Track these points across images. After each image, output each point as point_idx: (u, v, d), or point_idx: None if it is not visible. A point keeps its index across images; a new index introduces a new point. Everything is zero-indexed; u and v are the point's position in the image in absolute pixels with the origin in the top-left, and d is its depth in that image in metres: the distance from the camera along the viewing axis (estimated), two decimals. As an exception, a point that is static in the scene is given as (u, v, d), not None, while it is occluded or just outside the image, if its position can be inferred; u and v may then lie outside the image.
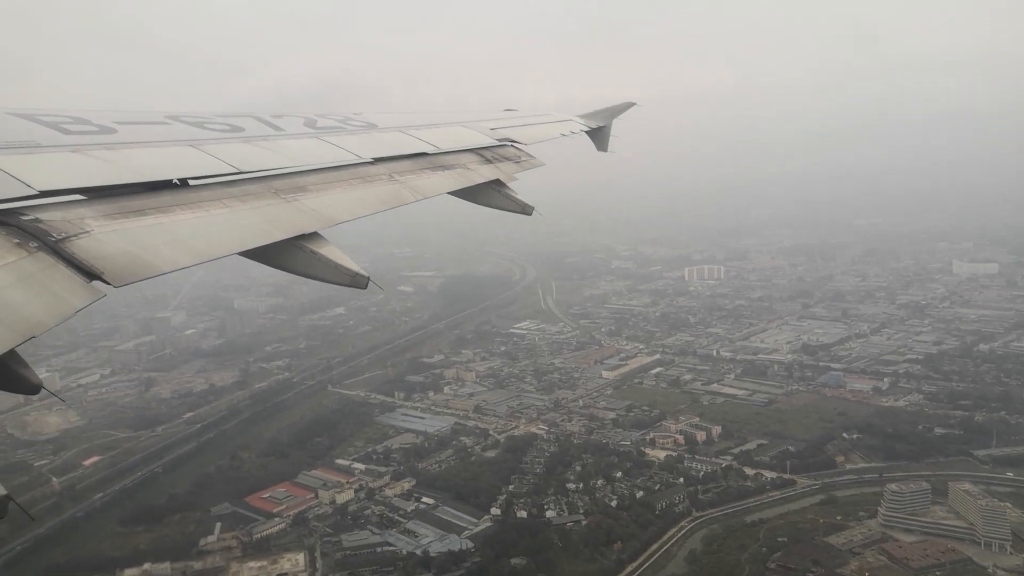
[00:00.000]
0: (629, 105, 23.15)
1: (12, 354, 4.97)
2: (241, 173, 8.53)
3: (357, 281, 7.73)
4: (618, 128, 21.92)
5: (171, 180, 7.79)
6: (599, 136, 21.06)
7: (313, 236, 7.84)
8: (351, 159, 10.50)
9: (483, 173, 12.58)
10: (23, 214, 5.86)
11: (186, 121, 10.11)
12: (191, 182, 7.95)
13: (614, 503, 74.76)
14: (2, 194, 5.98)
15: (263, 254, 7.44)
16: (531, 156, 14.89)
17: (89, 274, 5.48)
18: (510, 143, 14.93)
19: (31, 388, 5.53)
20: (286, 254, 7.60)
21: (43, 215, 5.97)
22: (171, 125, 9.83)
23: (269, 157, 9.38)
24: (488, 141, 14.40)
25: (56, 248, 5.57)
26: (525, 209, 12.59)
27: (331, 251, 7.79)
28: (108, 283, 5.53)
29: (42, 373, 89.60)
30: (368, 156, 10.78)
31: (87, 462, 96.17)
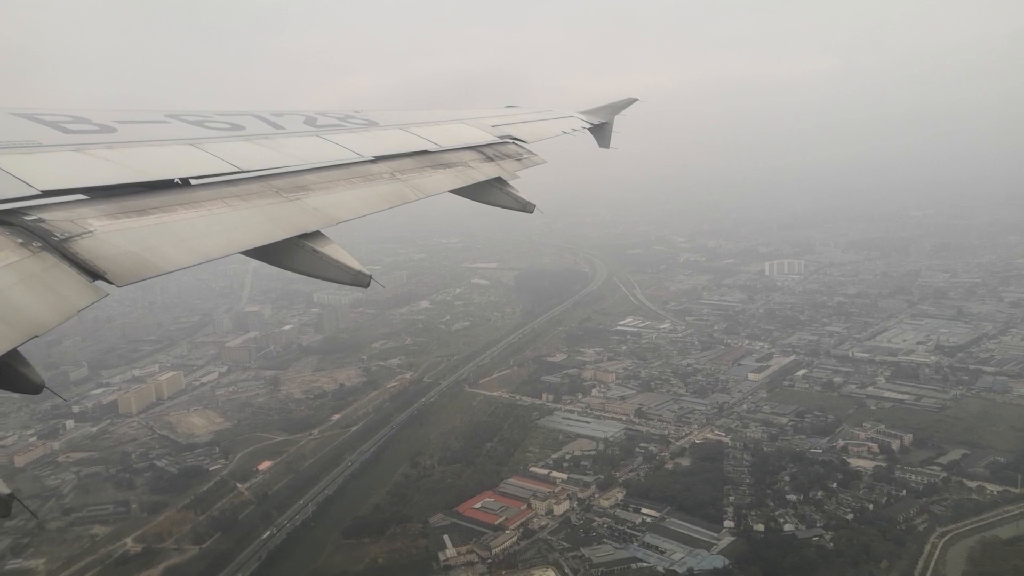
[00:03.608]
0: (631, 101, 23.15)
1: (15, 354, 4.95)
2: (242, 172, 8.57)
3: (359, 280, 7.75)
4: (619, 124, 22.03)
5: (173, 179, 7.83)
6: (601, 132, 20.99)
7: (315, 235, 7.87)
8: (352, 157, 10.52)
9: (485, 171, 12.59)
10: (26, 214, 5.94)
11: (186, 120, 10.13)
12: (192, 181, 7.99)
13: (850, 516, 73.70)
14: (5, 194, 6.04)
15: (266, 253, 7.49)
16: (532, 153, 14.78)
17: (92, 274, 5.53)
18: (511, 140, 14.80)
19: (33, 388, 5.52)
20: (288, 253, 7.64)
21: (46, 215, 6.05)
22: (171, 124, 9.85)
23: (270, 156, 9.43)
24: (489, 138, 14.34)
25: (59, 248, 5.65)
26: (526, 207, 12.51)
27: (333, 250, 7.81)
28: (111, 283, 5.55)
29: (165, 374, 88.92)
30: (369, 154, 10.81)
31: (261, 467, 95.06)
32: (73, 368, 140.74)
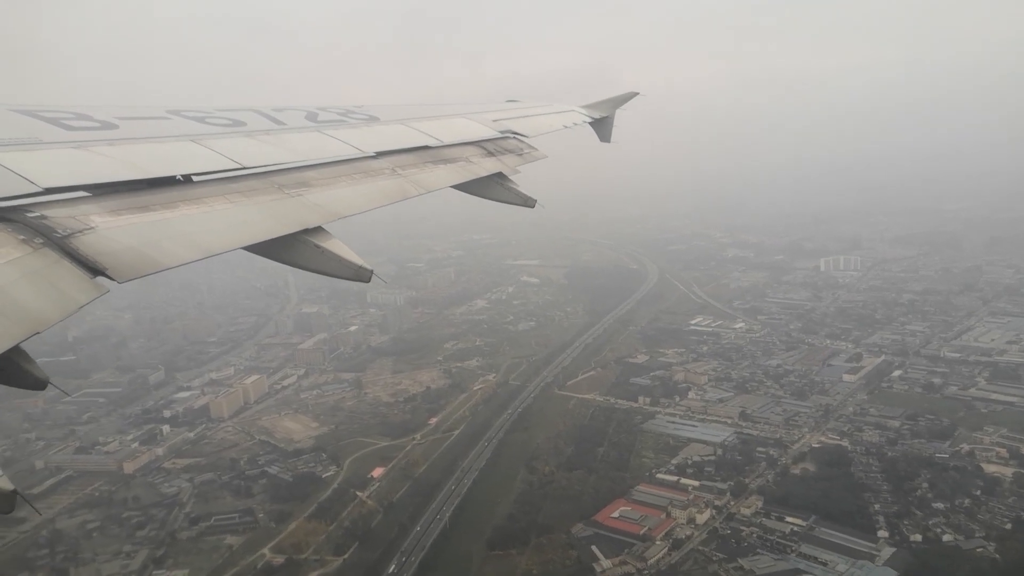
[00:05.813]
0: (632, 95, 22.91)
1: (18, 350, 4.97)
2: (244, 168, 8.57)
3: (361, 275, 7.77)
4: (621, 119, 21.95)
5: (174, 176, 7.81)
6: (602, 127, 20.92)
7: (317, 230, 7.88)
8: (353, 153, 10.53)
9: (486, 166, 12.53)
10: (28, 211, 5.96)
11: (187, 116, 10.13)
12: (194, 177, 7.99)
13: (1008, 526, 72.47)
14: (7, 191, 6.04)
15: (267, 249, 7.48)
16: (533, 148, 14.71)
17: (94, 270, 5.53)
18: (512, 135, 14.74)
19: (37, 383, 5.53)
20: (290, 249, 7.63)
21: (48, 212, 6.06)
22: (172, 120, 9.86)
23: (271, 152, 9.46)
24: (490, 133, 14.29)
25: (61, 244, 5.66)
26: (527, 202, 12.36)
27: (335, 245, 7.82)
28: (113, 279, 5.55)
29: (249, 377, 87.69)
30: (370, 150, 10.82)
31: (375, 473, 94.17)
32: (150, 371, 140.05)
